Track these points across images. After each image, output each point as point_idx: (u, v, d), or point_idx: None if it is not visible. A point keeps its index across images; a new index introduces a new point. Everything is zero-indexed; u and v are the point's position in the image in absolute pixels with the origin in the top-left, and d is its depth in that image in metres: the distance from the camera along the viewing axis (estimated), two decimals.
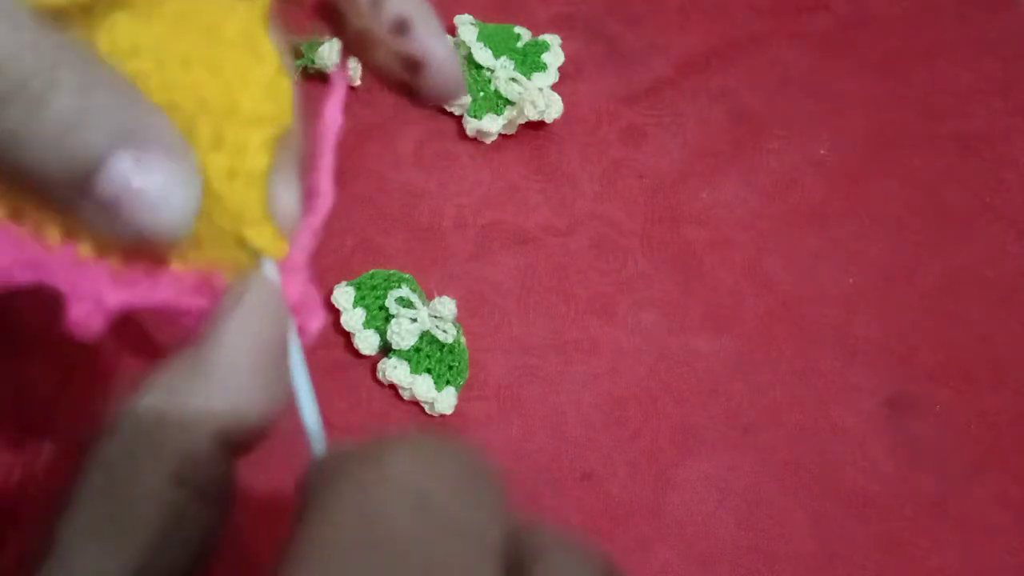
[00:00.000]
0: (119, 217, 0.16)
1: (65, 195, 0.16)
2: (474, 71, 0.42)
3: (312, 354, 0.39)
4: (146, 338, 0.32)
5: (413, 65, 0.21)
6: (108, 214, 0.16)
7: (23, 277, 0.17)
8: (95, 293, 0.17)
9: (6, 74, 0.15)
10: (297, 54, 0.41)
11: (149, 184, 0.16)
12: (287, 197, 0.20)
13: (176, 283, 0.18)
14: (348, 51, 0.23)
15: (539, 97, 0.41)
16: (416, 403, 0.36)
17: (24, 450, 0.33)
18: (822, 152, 0.44)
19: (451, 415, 0.36)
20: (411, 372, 0.36)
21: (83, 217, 0.17)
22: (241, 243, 0.19)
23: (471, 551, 0.15)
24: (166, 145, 0.17)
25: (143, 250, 0.18)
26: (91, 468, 0.17)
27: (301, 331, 0.20)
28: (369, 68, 0.22)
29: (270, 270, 0.19)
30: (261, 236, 0.19)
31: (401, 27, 0.21)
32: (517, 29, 0.43)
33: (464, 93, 0.23)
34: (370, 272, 0.38)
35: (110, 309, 0.17)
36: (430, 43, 0.21)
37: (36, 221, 0.17)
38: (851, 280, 0.41)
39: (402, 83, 0.22)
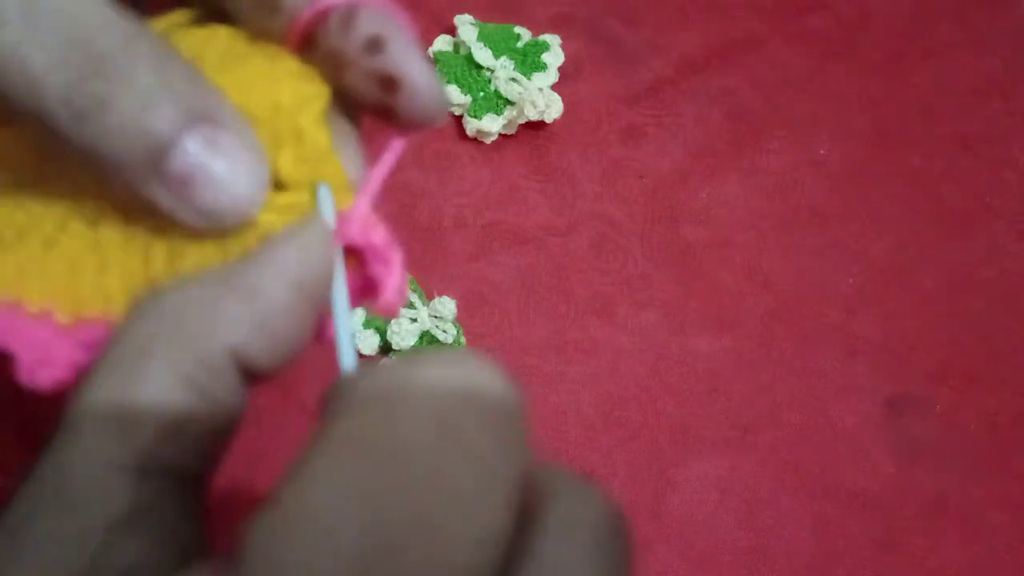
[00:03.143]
0: (188, 196, 0.17)
1: (137, 172, 0.16)
2: (474, 71, 0.42)
3: (312, 354, 0.39)
4: None
5: (389, 84, 0.19)
6: (178, 193, 0.17)
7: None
8: (44, 351, 0.18)
9: (90, 48, 0.16)
10: None
11: (221, 163, 0.17)
12: (350, 161, 0.21)
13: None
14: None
15: (539, 97, 0.41)
16: None
17: (24, 450, 0.33)
18: (822, 152, 0.44)
19: None
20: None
21: (151, 197, 0.17)
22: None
23: (484, 481, 0.14)
24: (237, 127, 0.17)
25: (205, 234, 0.18)
26: (109, 347, 0.17)
27: (375, 288, 0.20)
28: (341, 93, 0.20)
29: (328, 211, 0.19)
30: (334, 178, 0.19)
31: (375, 45, 0.20)
32: (517, 29, 0.43)
33: (444, 116, 0.21)
34: None
35: (63, 364, 0.18)
36: (407, 60, 0.20)
37: None
38: (851, 280, 0.41)
39: (378, 105, 0.20)
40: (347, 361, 0.18)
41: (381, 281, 0.20)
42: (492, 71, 0.42)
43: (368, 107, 0.20)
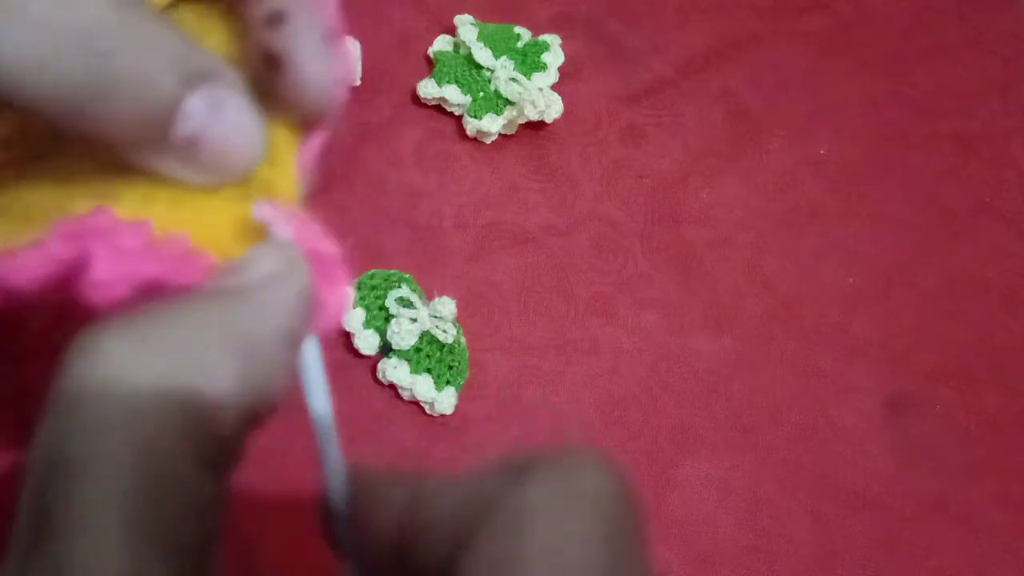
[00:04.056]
0: (199, 156, 0.17)
1: (148, 144, 0.17)
2: (474, 71, 0.42)
3: None
4: None
5: (273, 63, 0.18)
6: (189, 155, 0.17)
7: (64, 249, 0.17)
8: (125, 261, 0.17)
9: (91, 38, 0.16)
10: None
11: (224, 120, 0.17)
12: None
13: (205, 269, 0.18)
14: None
15: (539, 97, 0.41)
16: (416, 403, 0.36)
17: (24, 450, 0.33)
18: (822, 152, 0.44)
19: (451, 415, 0.36)
20: (411, 372, 0.36)
21: (165, 163, 0.17)
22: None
23: None
24: (232, 83, 0.17)
25: (220, 189, 0.18)
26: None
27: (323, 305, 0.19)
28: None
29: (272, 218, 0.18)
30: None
31: (275, 19, 0.18)
32: (517, 29, 0.43)
33: (331, 109, 0.20)
34: (370, 272, 0.38)
35: (138, 279, 0.17)
36: (300, 42, 0.18)
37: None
38: (851, 280, 0.41)
39: (259, 82, 0.19)
40: (327, 440, 0.18)
41: (323, 298, 0.19)
42: (492, 71, 0.42)
43: (251, 81, 0.19)
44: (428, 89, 0.42)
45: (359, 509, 0.18)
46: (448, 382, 0.36)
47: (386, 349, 0.37)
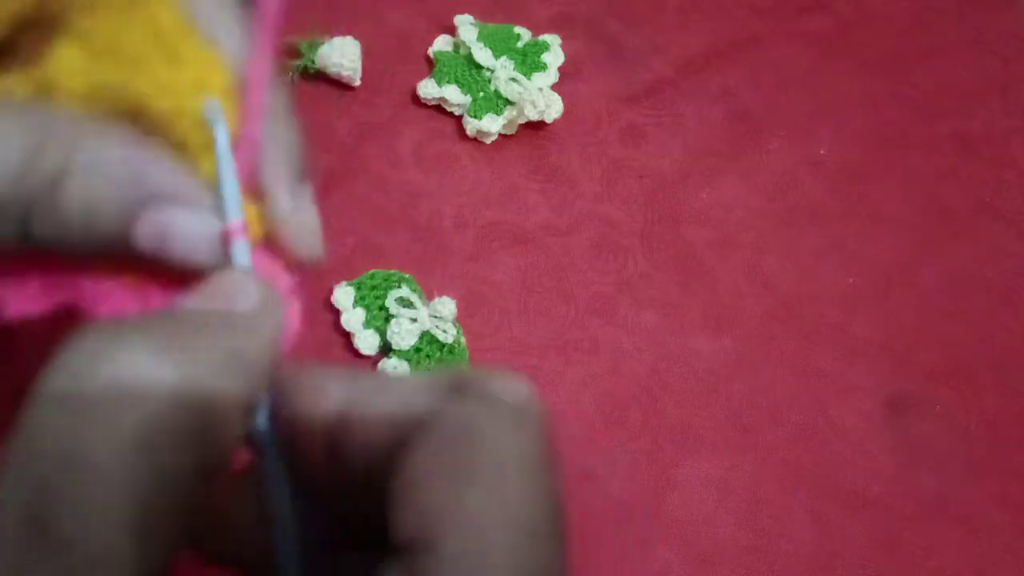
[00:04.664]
0: (167, 254, 0.19)
1: (117, 253, 0.18)
2: (474, 71, 0.42)
3: (312, 354, 0.39)
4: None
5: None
6: (156, 254, 0.19)
7: (53, 299, 0.19)
8: (116, 308, 0.19)
9: (14, 205, 0.17)
10: (297, 54, 0.41)
11: (175, 239, 0.18)
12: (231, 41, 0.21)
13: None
14: None
15: (539, 97, 0.41)
16: None
17: None
18: (822, 152, 0.44)
19: None
20: (411, 372, 0.36)
21: (139, 253, 0.19)
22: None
23: None
24: (176, 194, 0.19)
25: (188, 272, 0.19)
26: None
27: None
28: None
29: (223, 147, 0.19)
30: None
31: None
32: (517, 29, 0.43)
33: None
34: (370, 272, 0.38)
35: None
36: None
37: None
38: (851, 280, 0.41)
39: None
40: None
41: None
42: (492, 71, 0.42)
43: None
44: (428, 89, 0.42)
45: (293, 400, 0.18)
46: None
47: (386, 349, 0.37)
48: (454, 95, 0.41)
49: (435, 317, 0.36)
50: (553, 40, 0.43)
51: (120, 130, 0.19)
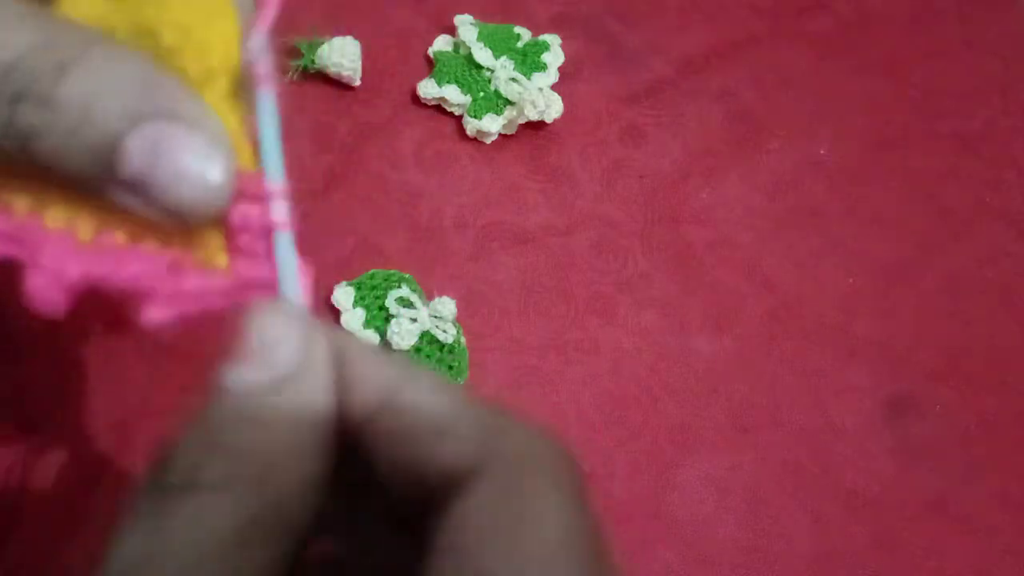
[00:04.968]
0: (148, 196, 0.16)
1: (92, 183, 0.16)
2: (474, 71, 0.42)
3: None
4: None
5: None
6: (137, 195, 0.16)
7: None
8: (57, 265, 0.16)
9: (15, 75, 0.15)
10: (297, 54, 0.41)
11: (170, 162, 0.16)
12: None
13: (146, 262, 0.17)
14: None
15: (539, 97, 0.41)
16: None
17: (24, 450, 0.33)
18: (822, 152, 0.44)
19: None
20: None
21: (121, 199, 0.16)
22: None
23: None
24: (186, 117, 0.16)
25: (180, 230, 0.17)
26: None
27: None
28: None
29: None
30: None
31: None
32: (517, 29, 0.43)
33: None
34: (370, 272, 0.38)
35: (71, 282, 0.17)
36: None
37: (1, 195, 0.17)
38: (851, 280, 0.41)
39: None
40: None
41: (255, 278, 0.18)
42: (492, 71, 0.42)
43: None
44: (428, 89, 0.42)
45: (341, 376, 0.17)
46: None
47: (386, 349, 0.37)
48: (454, 95, 0.41)
49: (435, 317, 0.36)
50: (553, 40, 0.43)
51: (132, 47, 0.17)
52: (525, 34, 0.43)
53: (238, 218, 0.17)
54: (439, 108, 0.42)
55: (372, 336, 0.37)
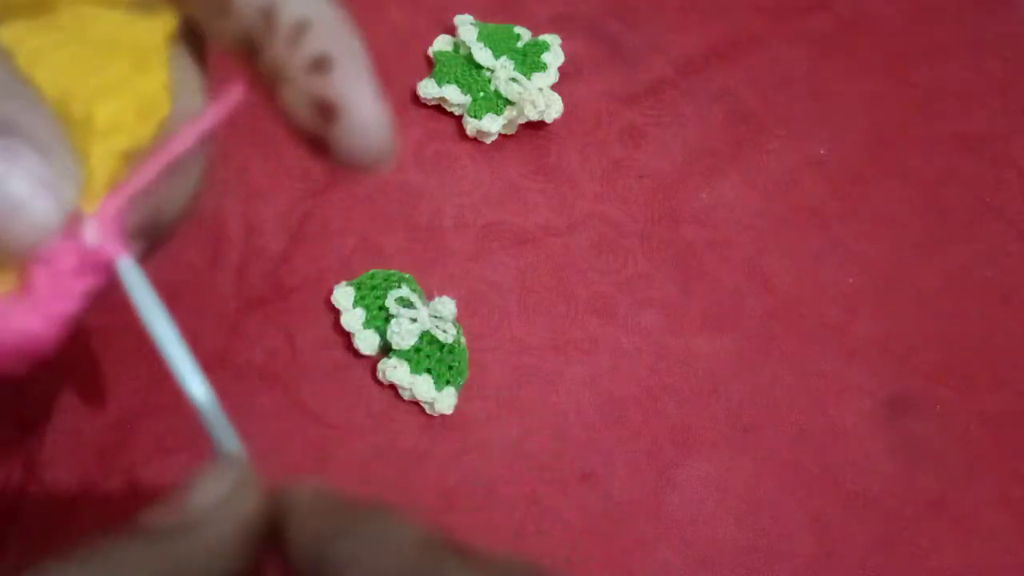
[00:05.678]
0: None
1: None
2: (474, 71, 0.42)
3: (312, 354, 0.39)
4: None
5: (327, 111, 0.17)
6: None
7: None
8: None
9: None
10: None
11: (15, 168, 0.14)
12: (189, 99, 0.19)
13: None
14: (257, 88, 0.18)
15: (539, 97, 0.41)
16: (416, 403, 0.36)
17: (24, 450, 0.33)
18: (822, 152, 0.44)
19: (451, 415, 0.36)
20: (411, 372, 0.36)
21: None
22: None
23: None
24: (30, 134, 0.15)
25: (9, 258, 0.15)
26: None
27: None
28: (276, 113, 0.18)
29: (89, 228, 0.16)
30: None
31: (320, 65, 0.17)
32: (517, 29, 0.43)
33: (388, 161, 0.18)
34: (370, 272, 0.38)
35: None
36: (353, 87, 0.17)
37: None
38: (851, 280, 0.41)
39: (311, 134, 0.17)
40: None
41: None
42: (492, 71, 0.42)
43: (301, 136, 0.18)
44: (428, 89, 0.42)
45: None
46: (448, 382, 0.36)
47: (386, 349, 0.37)
48: (454, 95, 0.41)
49: (435, 317, 0.36)
50: (553, 40, 0.43)
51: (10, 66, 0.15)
52: (525, 34, 0.43)
53: (56, 255, 0.16)
54: (439, 108, 0.42)
55: (372, 336, 0.37)
